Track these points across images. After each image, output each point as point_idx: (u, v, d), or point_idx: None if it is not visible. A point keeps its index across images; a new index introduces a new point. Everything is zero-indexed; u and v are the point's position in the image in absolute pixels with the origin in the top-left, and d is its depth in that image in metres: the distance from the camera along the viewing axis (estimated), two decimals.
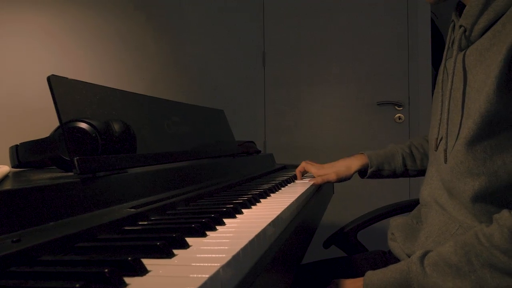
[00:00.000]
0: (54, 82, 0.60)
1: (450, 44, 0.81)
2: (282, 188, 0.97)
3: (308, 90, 2.60)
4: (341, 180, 1.14)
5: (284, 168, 1.59)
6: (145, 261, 0.38)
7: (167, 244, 0.41)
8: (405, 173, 1.11)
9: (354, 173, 1.14)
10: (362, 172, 1.15)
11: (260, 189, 0.87)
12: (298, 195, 0.80)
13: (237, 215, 0.62)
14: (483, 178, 0.67)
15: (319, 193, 1.10)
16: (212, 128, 1.17)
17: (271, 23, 2.64)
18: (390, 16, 2.50)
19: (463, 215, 0.72)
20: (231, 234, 0.49)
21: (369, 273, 0.70)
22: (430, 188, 0.84)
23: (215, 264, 0.36)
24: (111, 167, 0.65)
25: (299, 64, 2.61)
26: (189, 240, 0.47)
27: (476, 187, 0.68)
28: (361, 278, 0.72)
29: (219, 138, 1.22)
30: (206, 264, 0.36)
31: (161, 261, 0.39)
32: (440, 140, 0.79)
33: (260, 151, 1.60)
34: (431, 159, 0.88)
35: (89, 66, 1.30)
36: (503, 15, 0.67)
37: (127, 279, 0.33)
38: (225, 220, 0.58)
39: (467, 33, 0.74)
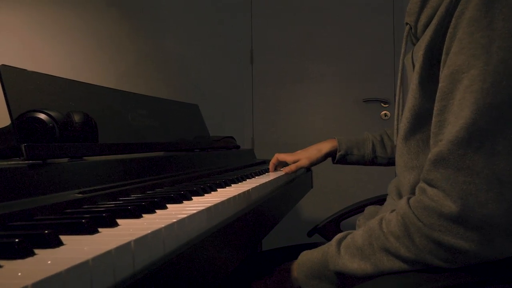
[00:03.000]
0: (4, 72, 0.62)
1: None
2: (248, 180, 0.99)
3: (295, 87, 2.62)
4: (313, 163, 1.18)
5: (263, 162, 1.61)
6: (69, 237, 0.41)
7: (93, 222, 0.44)
8: (374, 160, 1.14)
9: (325, 155, 1.18)
10: (334, 157, 1.18)
11: (222, 180, 0.89)
12: (253, 186, 0.82)
13: (184, 201, 0.64)
14: (416, 172, 0.70)
15: (289, 186, 1.12)
16: (184, 122, 1.19)
17: (259, 21, 2.66)
18: (376, 14, 2.52)
19: None
20: (164, 217, 0.51)
21: (304, 253, 0.74)
22: (395, 180, 0.87)
23: (127, 239, 0.38)
24: (63, 155, 0.67)
25: (286, 62, 2.63)
26: (122, 221, 0.49)
27: (411, 180, 0.70)
28: None
29: (191, 132, 1.24)
30: (119, 239, 0.38)
31: (84, 237, 0.41)
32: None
33: (239, 146, 1.62)
34: None
35: (57, 61, 1.31)
36: None
37: (38, 251, 0.35)
38: (170, 205, 0.60)
39: (412, 30, 0.76)
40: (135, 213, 0.51)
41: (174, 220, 0.47)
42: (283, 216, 1.00)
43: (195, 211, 0.53)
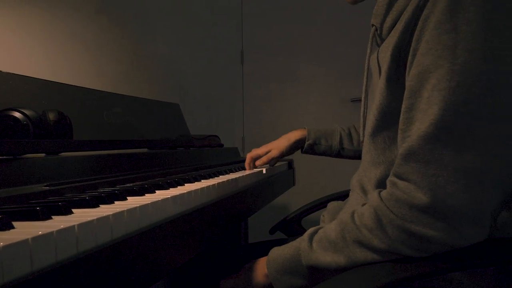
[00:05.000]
0: None
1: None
2: (220, 176, 1.04)
3: (286, 87, 2.67)
4: (283, 153, 1.23)
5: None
6: (22, 223, 0.45)
7: (48, 210, 0.48)
8: (341, 152, 1.18)
9: (294, 143, 1.23)
10: (303, 146, 1.22)
11: (192, 175, 0.93)
12: (219, 181, 0.86)
13: (146, 194, 0.68)
14: (383, 167, 0.73)
15: (264, 182, 1.17)
16: (162, 121, 1.24)
17: (250, 21, 2.70)
18: (363, 14, 2.56)
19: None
20: (119, 207, 0.56)
21: (274, 249, 0.75)
22: (357, 175, 0.91)
23: (72, 224, 0.43)
24: (34, 151, 0.71)
25: (277, 62, 2.67)
26: (78, 210, 0.54)
27: (378, 175, 0.74)
28: None
29: (170, 130, 1.29)
30: (66, 224, 0.43)
31: (36, 223, 0.46)
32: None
33: (222, 145, 1.67)
34: None
35: (35, 62, 1.35)
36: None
37: None
38: (131, 198, 0.64)
39: (378, 32, 0.80)
40: (92, 203, 0.56)
41: (125, 209, 0.52)
42: (251, 212, 1.04)
43: (149, 202, 0.57)
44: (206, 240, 0.73)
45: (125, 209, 0.52)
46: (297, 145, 1.23)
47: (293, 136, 1.22)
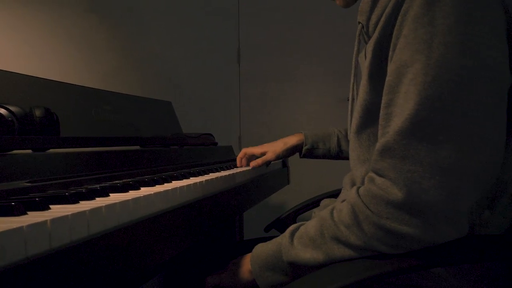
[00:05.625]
0: None
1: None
2: (210, 173, 1.03)
3: (282, 86, 2.66)
4: (279, 157, 1.22)
5: None
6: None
7: (22, 206, 0.48)
8: (340, 154, 1.18)
9: (291, 149, 1.22)
10: (300, 151, 1.21)
11: (181, 173, 0.93)
12: (206, 179, 0.86)
13: (130, 191, 0.68)
14: (368, 164, 0.72)
15: (254, 181, 1.16)
16: (153, 118, 1.23)
17: (246, 20, 2.70)
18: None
19: None
20: (100, 204, 0.55)
21: (258, 245, 0.75)
22: (350, 173, 0.90)
23: (42, 220, 0.42)
24: (18, 147, 0.71)
25: (273, 61, 2.67)
26: (57, 206, 0.53)
27: (363, 173, 0.73)
28: None
29: (162, 128, 1.28)
30: (38, 219, 0.42)
31: (10, 218, 0.45)
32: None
33: (216, 143, 1.66)
34: None
35: (24, 59, 1.34)
36: None
37: None
38: (113, 194, 0.64)
39: (364, 29, 0.79)
40: (72, 199, 0.55)
41: (103, 205, 0.51)
42: (241, 210, 1.03)
43: (130, 198, 0.57)
44: (191, 238, 0.73)
45: (104, 205, 0.51)
46: (294, 150, 1.22)
47: (290, 141, 1.21)
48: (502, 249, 0.60)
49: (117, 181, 0.78)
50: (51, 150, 0.83)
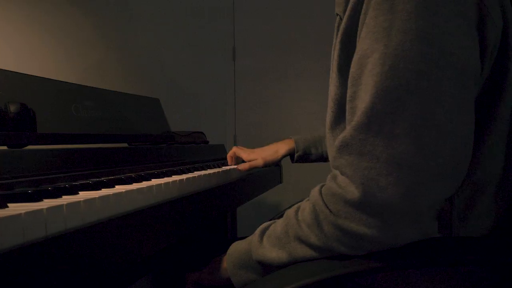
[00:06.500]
0: None
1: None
2: (195, 172, 1.01)
3: (279, 83, 2.64)
4: (268, 165, 1.18)
5: None
6: None
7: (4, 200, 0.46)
8: None
9: (281, 157, 1.18)
10: (292, 156, 1.18)
11: (162, 171, 0.90)
12: (188, 177, 0.83)
13: (103, 189, 0.65)
14: None
15: (241, 181, 1.14)
16: (139, 116, 1.21)
17: (242, 17, 2.67)
18: None
19: None
20: (65, 202, 0.52)
21: (234, 243, 0.73)
22: None
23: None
24: None
25: (270, 58, 2.64)
26: (17, 204, 0.51)
27: None
28: None
29: (149, 126, 1.26)
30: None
31: None
32: None
33: (208, 142, 1.64)
34: None
35: (14, 59, 1.31)
36: None
37: None
38: (84, 192, 0.61)
39: (341, 21, 0.76)
40: (34, 197, 0.52)
41: (64, 203, 0.48)
42: (226, 209, 1.01)
43: (96, 196, 0.54)
44: (168, 236, 0.70)
45: (65, 203, 0.48)
46: (284, 157, 1.19)
47: (281, 149, 1.17)
48: (479, 253, 0.56)
49: (91, 180, 0.75)
50: (29, 147, 0.80)
